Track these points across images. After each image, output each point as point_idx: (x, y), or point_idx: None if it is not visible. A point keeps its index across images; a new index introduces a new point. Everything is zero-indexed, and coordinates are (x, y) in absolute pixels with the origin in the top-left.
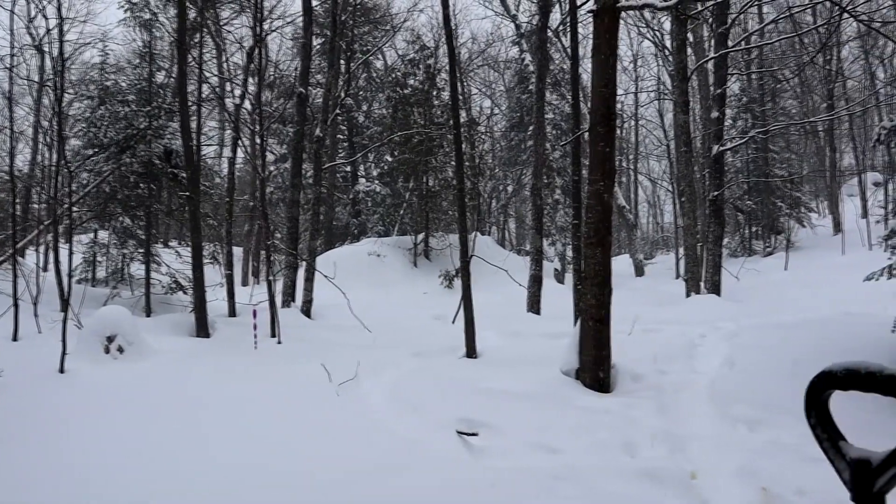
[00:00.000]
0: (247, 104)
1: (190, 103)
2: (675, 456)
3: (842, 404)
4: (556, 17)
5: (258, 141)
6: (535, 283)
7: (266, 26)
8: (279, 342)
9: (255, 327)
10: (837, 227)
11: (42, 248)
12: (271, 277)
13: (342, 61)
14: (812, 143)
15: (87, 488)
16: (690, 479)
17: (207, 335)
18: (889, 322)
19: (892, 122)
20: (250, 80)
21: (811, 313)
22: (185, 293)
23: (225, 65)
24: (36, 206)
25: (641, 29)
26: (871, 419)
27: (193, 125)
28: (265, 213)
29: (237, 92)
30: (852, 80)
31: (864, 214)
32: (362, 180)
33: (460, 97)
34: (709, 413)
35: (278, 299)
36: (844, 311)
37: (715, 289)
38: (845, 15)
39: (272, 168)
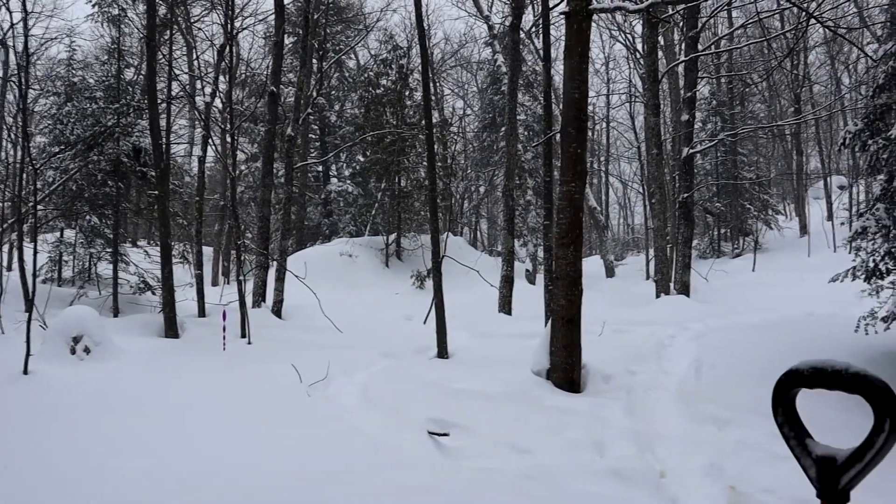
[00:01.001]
0: (217, 102)
1: (159, 101)
2: (644, 455)
3: (808, 402)
4: (528, 18)
5: (229, 139)
6: (507, 283)
7: (237, 24)
8: (249, 342)
9: (224, 329)
10: (804, 229)
11: (6, 247)
12: (242, 277)
13: (314, 60)
14: (779, 147)
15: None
16: (660, 478)
17: (176, 335)
18: (852, 322)
19: (856, 127)
20: (221, 78)
21: (778, 314)
22: (153, 293)
23: (195, 62)
24: (0, 203)
25: (613, 32)
26: (837, 417)
27: (163, 123)
28: (236, 212)
29: (208, 90)
30: (818, 85)
31: (830, 217)
32: (334, 180)
33: (433, 97)
34: (678, 413)
35: (249, 299)
36: (808, 311)
37: (684, 290)
38: (812, 21)
39: (243, 167)
